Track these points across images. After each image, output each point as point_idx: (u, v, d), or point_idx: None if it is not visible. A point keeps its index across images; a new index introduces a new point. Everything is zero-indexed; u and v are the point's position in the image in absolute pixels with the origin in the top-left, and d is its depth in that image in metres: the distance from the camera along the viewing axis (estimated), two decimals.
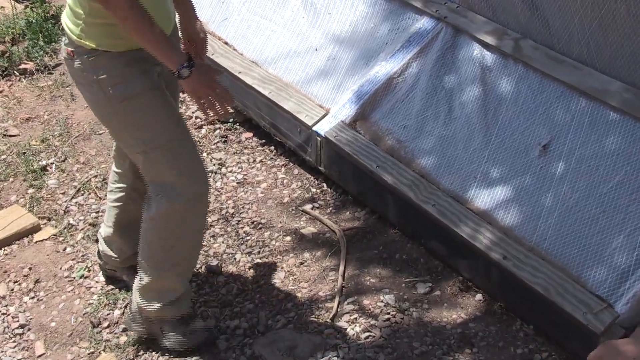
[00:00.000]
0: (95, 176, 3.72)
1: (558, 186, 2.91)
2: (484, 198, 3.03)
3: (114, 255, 2.99)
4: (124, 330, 2.92)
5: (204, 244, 3.29)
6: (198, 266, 3.18)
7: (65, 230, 3.41)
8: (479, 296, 3.02)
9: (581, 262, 2.75)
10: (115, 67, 2.39)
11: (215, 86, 2.38)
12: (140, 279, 2.71)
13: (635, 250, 2.67)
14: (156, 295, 2.71)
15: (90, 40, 2.38)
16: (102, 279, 3.16)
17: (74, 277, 3.19)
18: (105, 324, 2.97)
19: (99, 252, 3.07)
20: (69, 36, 2.42)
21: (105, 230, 2.99)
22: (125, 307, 3.00)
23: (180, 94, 3.27)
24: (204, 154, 3.83)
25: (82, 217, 3.48)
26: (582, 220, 2.81)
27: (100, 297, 3.08)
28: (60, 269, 3.23)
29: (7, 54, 4.56)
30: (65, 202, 3.57)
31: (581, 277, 2.72)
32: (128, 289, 3.07)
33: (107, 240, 2.99)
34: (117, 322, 2.97)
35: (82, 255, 3.28)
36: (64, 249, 3.33)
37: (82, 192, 3.62)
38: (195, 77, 2.33)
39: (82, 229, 3.41)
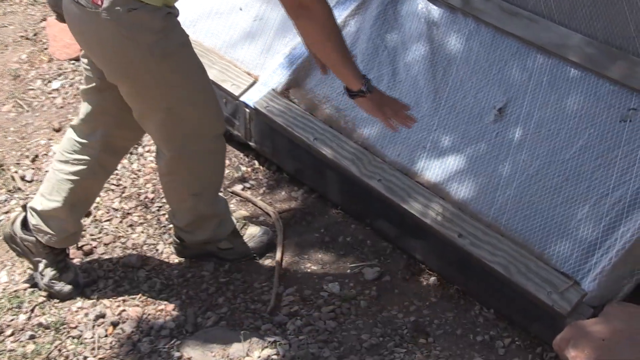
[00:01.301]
0: None
1: (516, 154, 2.92)
2: (435, 170, 3.03)
3: (52, 232, 2.92)
4: (32, 337, 2.85)
5: (120, 234, 3.25)
6: (114, 261, 3.16)
7: None
8: (433, 280, 3.03)
9: (544, 237, 2.77)
10: (155, 21, 2.45)
11: (390, 104, 2.62)
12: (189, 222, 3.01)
13: (602, 220, 2.69)
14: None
15: None
16: (2, 279, 3.07)
17: None
18: (9, 332, 2.88)
19: (14, 224, 3.00)
20: None
21: (45, 203, 2.91)
22: (32, 310, 2.93)
23: None
24: None
25: None
26: (544, 190, 2.83)
27: (2, 300, 2.99)
28: None
29: None
30: None
31: (544, 254, 2.74)
32: (34, 289, 3.00)
33: (46, 215, 2.92)
34: (22, 329, 2.89)
35: None
36: None
37: None
38: (373, 98, 2.57)
39: None
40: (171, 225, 3.22)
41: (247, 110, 3.49)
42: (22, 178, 3.55)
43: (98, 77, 2.71)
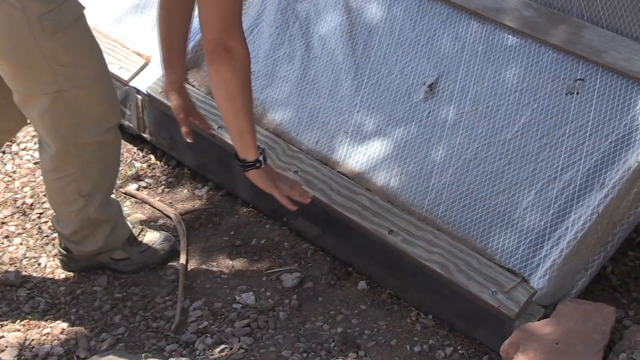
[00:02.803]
0: None
1: (451, 136, 2.94)
2: (358, 158, 3.04)
3: None
4: None
5: None
6: None
7: None
8: (362, 284, 3.04)
9: (486, 229, 2.79)
10: None
11: (283, 179, 2.75)
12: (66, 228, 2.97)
13: (550, 208, 2.73)
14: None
15: None
16: None
17: None
18: None
19: None
20: None
21: None
22: None
23: None
24: None
25: None
26: (484, 176, 2.85)
27: None
28: None
29: None
30: None
31: (487, 248, 2.76)
32: None
33: None
34: None
35: None
36: None
37: None
38: (268, 171, 2.69)
39: None
40: (55, 235, 3.17)
41: (139, 96, 3.48)
42: None
43: None
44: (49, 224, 3.28)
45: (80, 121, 2.72)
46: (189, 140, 2.88)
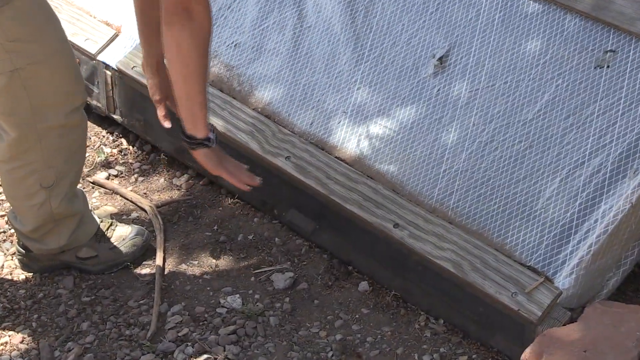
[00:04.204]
0: None
1: (464, 116, 2.95)
2: (359, 141, 3.05)
3: None
4: None
5: None
6: None
7: None
8: (363, 285, 3.04)
9: (504, 222, 2.79)
10: None
11: (229, 160, 2.75)
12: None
13: (577, 197, 2.73)
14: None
15: None
16: None
17: None
18: None
19: None
20: None
21: None
22: None
23: None
24: None
25: None
26: (501, 161, 2.86)
27: None
28: None
29: None
30: None
31: (505, 244, 2.76)
32: None
33: None
34: None
35: None
36: None
37: None
38: (216, 151, 2.69)
39: None
40: (13, 231, 3.17)
41: (108, 72, 3.48)
42: None
43: None
44: (5, 218, 3.28)
45: (40, 103, 2.73)
46: (166, 125, 2.87)
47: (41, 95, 2.71)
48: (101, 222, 3.10)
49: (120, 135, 3.64)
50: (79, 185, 3.04)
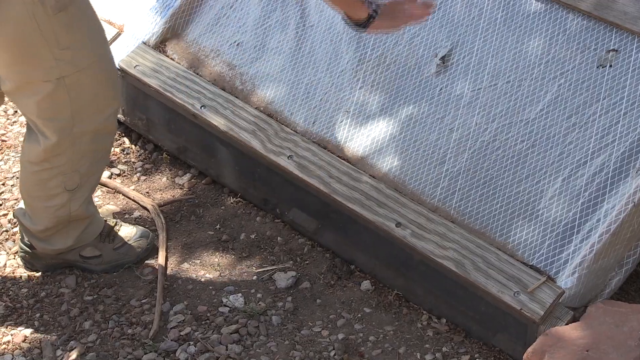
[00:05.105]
0: None
1: (467, 115, 2.95)
2: (361, 140, 3.04)
3: None
4: None
5: None
6: None
7: None
8: (366, 284, 3.04)
9: (506, 222, 2.79)
10: None
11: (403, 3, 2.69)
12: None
13: (580, 196, 2.73)
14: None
15: None
16: None
17: None
18: None
19: None
20: None
21: None
22: None
23: None
24: None
25: None
26: (504, 160, 2.86)
27: None
28: None
29: None
30: None
31: (508, 243, 2.76)
32: None
33: None
34: None
35: None
36: None
37: None
38: (386, 12, 2.62)
39: None
40: (16, 229, 3.18)
41: None
42: None
43: None
44: (9, 216, 3.28)
45: (80, 108, 2.75)
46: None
47: (82, 101, 2.73)
48: (105, 221, 3.10)
49: (123, 134, 3.64)
50: None
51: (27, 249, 3.07)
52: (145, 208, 3.34)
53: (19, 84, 2.67)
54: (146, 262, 3.15)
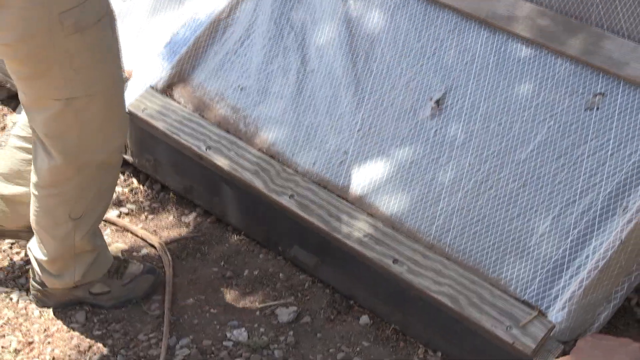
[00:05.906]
0: None
1: (460, 156, 2.95)
2: (360, 181, 3.05)
3: None
4: None
5: None
6: None
7: None
8: (364, 319, 3.04)
9: (499, 258, 2.79)
10: None
11: None
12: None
13: (569, 234, 2.73)
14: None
15: None
16: None
17: None
18: None
19: None
20: None
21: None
22: None
23: None
24: None
25: None
26: (496, 199, 2.86)
27: None
28: None
29: None
30: None
31: (500, 279, 2.77)
32: None
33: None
34: None
35: None
36: None
37: None
38: None
39: None
40: (29, 267, 3.16)
41: None
42: None
43: None
44: (22, 255, 3.28)
45: (88, 135, 2.73)
46: None
47: (90, 129, 2.71)
48: (114, 259, 3.10)
49: (131, 175, 3.63)
50: None
51: (39, 287, 3.06)
52: (152, 246, 3.34)
53: (33, 98, 2.67)
54: (153, 297, 3.14)
